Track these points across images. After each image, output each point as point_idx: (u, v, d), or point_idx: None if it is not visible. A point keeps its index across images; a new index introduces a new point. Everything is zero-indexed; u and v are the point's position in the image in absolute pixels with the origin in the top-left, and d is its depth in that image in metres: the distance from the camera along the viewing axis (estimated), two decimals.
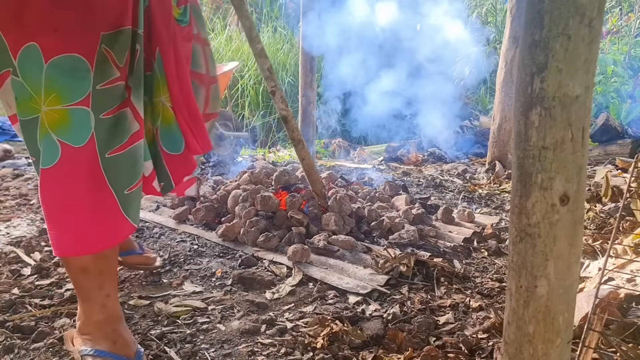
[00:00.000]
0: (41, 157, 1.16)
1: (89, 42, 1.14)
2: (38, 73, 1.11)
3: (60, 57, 1.11)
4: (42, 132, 1.15)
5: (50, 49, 1.10)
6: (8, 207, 2.72)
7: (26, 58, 1.11)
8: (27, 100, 1.13)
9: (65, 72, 1.12)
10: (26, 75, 1.12)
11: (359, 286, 1.80)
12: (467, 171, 4.03)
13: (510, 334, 0.85)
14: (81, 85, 1.14)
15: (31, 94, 1.12)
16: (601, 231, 2.39)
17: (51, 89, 1.12)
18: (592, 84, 0.72)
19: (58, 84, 1.12)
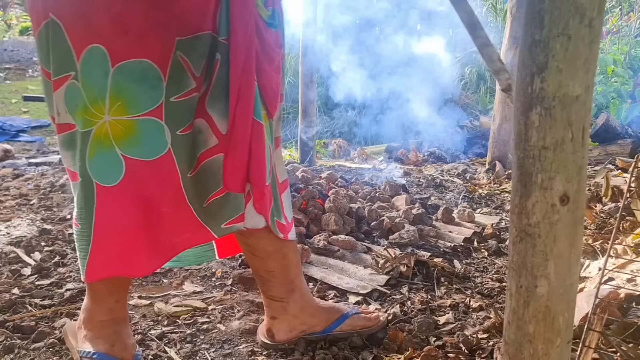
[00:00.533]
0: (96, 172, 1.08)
1: (163, 48, 1.03)
2: (102, 78, 1.01)
3: (128, 62, 1.01)
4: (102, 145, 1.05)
5: (118, 52, 1.00)
6: (8, 207, 2.72)
7: (90, 61, 1.01)
8: (81, 111, 1.04)
9: (134, 78, 1.02)
10: (88, 80, 1.02)
11: (359, 286, 1.80)
12: (467, 171, 4.03)
13: (511, 334, 0.85)
14: (152, 94, 1.04)
15: (86, 104, 1.03)
16: (601, 231, 2.39)
17: (117, 97, 1.02)
18: (593, 84, 0.72)
19: (125, 91, 1.02)
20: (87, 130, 1.05)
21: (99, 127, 1.04)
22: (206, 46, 1.07)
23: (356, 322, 1.47)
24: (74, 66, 1.02)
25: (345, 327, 1.46)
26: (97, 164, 1.07)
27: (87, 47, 1.01)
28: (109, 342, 1.28)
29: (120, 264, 1.16)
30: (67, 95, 1.05)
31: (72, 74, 1.03)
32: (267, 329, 1.44)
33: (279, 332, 1.43)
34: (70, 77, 1.03)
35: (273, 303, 1.42)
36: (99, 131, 1.05)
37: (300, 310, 1.42)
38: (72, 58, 1.02)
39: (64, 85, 1.04)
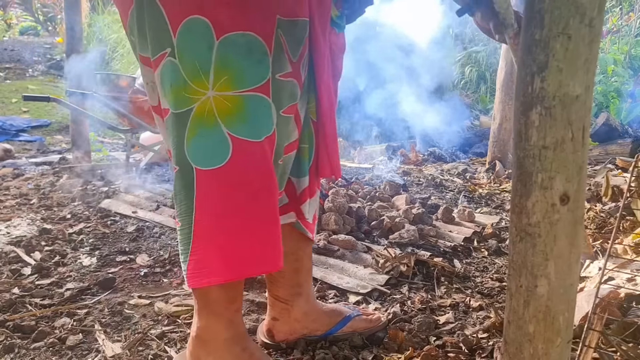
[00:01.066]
0: (196, 155, 0.97)
1: (266, 22, 0.97)
2: (207, 52, 0.92)
3: (234, 34, 0.93)
4: (205, 123, 0.95)
5: (222, 24, 0.92)
6: (8, 206, 2.72)
7: (189, 33, 0.92)
8: (180, 88, 0.94)
9: (241, 52, 0.94)
10: (188, 54, 0.93)
11: (359, 286, 1.81)
12: (467, 171, 4.03)
13: (511, 334, 0.85)
14: (259, 69, 0.97)
15: (185, 80, 0.94)
16: (601, 231, 2.39)
17: (223, 71, 0.94)
18: (593, 84, 0.72)
19: (232, 65, 0.94)
20: (184, 110, 0.95)
21: (202, 103, 0.94)
22: (304, 33, 1.03)
23: (358, 324, 1.46)
24: (169, 42, 0.93)
25: (347, 330, 1.45)
26: (198, 146, 0.96)
27: (185, 19, 0.92)
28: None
29: (234, 261, 1.02)
30: (162, 76, 0.97)
31: (167, 50, 0.93)
32: (267, 329, 1.44)
33: (279, 334, 1.42)
34: (165, 54, 0.94)
35: (277, 303, 1.41)
36: (201, 108, 0.95)
37: (303, 315, 1.41)
38: (169, 33, 0.92)
39: (160, 65, 0.96)
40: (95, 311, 1.63)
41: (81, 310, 1.63)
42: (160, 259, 2.06)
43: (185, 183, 0.99)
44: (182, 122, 0.96)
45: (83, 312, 1.62)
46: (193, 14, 0.91)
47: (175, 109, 0.96)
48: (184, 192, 1.00)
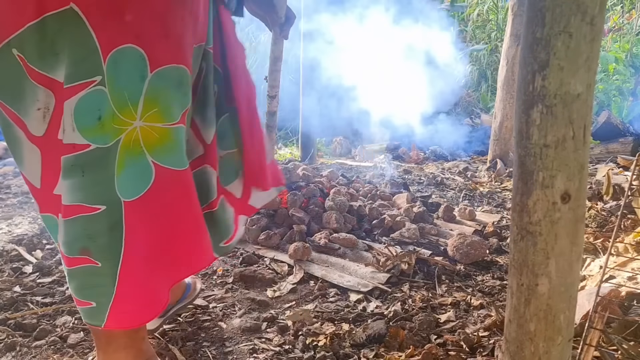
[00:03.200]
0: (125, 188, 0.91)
1: (190, 53, 0.97)
2: (139, 83, 0.89)
3: (168, 67, 0.92)
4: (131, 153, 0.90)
5: (157, 57, 0.90)
6: (9, 205, 2.73)
7: (121, 62, 0.87)
8: (109, 119, 0.87)
9: (173, 85, 0.94)
10: (118, 83, 0.87)
11: (360, 284, 1.81)
12: (468, 169, 4.03)
13: (512, 332, 0.85)
14: (183, 100, 0.97)
15: (113, 112, 0.87)
16: (602, 229, 2.39)
17: (153, 103, 0.91)
18: (594, 82, 0.72)
19: (162, 98, 0.92)
20: (113, 142, 0.88)
21: (128, 133, 0.89)
22: (200, 56, 1.04)
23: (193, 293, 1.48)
24: (99, 69, 0.85)
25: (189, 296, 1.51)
26: (126, 178, 0.91)
27: (118, 47, 0.86)
28: None
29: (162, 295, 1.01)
30: (82, 106, 0.86)
31: (97, 79, 0.85)
32: None
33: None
34: (93, 83, 0.85)
35: None
36: (128, 138, 0.89)
37: None
38: (99, 59, 0.85)
39: (80, 94, 0.85)
40: None
41: None
42: None
43: (113, 223, 0.91)
44: (111, 157, 0.89)
45: None
46: (129, 43, 0.87)
47: (104, 143, 0.88)
48: (110, 233, 0.91)
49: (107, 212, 0.90)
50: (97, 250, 0.93)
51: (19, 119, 0.88)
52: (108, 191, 0.90)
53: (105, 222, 0.91)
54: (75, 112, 0.86)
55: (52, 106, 0.87)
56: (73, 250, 0.93)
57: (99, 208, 0.90)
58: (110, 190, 0.90)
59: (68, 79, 0.85)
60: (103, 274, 0.94)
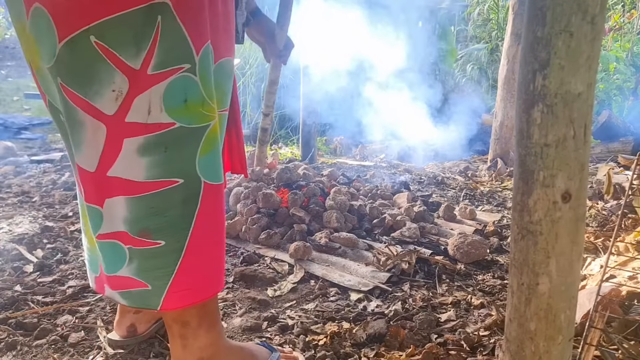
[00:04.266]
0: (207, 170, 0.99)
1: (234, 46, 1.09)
2: (210, 74, 0.98)
3: (224, 60, 1.03)
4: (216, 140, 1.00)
5: (219, 49, 1.00)
6: (10, 204, 2.73)
7: (207, 57, 0.96)
8: (197, 105, 0.96)
9: (226, 76, 1.05)
10: (207, 75, 0.97)
11: (360, 283, 1.81)
12: (468, 168, 4.02)
13: (512, 332, 0.85)
14: (230, 91, 1.09)
15: (204, 98, 0.96)
16: (603, 229, 2.39)
17: (218, 92, 1.02)
18: (595, 81, 0.72)
19: (222, 87, 1.03)
20: (200, 126, 0.97)
21: (215, 124, 1.00)
22: None
23: None
24: (191, 58, 0.93)
25: None
26: (210, 162, 1.00)
27: (206, 42, 0.95)
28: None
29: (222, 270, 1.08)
30: (171, 90, 0.93)
31: (185, 66, 0.93)
32: (129, 325, 1.41)
33: (142, 325, 1.42)
34: (182, 69, 0.92)
35: None
36: (214, 128, 0.99)
37: None
38: (190, 50, 0.93)
39: (169, 79, 0.92)
40: (97, 308, 1.64)
41: (83, 307, 1.64)
42: None
43: (188, 196, 0.98)
44: (196, 138, 0.97)
45: (85, 309, 1.62)
46: (209, 40, 0.96)
47: (190, 124, 0.95)
48: (183, 206, 0.98)
49: (184, 185, 0.97)
50: (163, 227, 0.98)
51: (85, 103, 0.92)
52: (188, 166, 0.97)
53: (181, 194, 0.97)
54: (164, 94, 0.92)
55: (125, 90, 0.91)
56: (134, 229, 0.98)
57: (177, 181, 0.96)
58: (191, 165, 0.97)
59: (157, 67, 0.91)
60: (165, 252, 0.99)
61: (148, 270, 1.01)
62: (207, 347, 1.12)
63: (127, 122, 0.92)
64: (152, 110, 0.93)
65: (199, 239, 1.00)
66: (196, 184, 0.98)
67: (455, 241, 2.09)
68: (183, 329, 1.10)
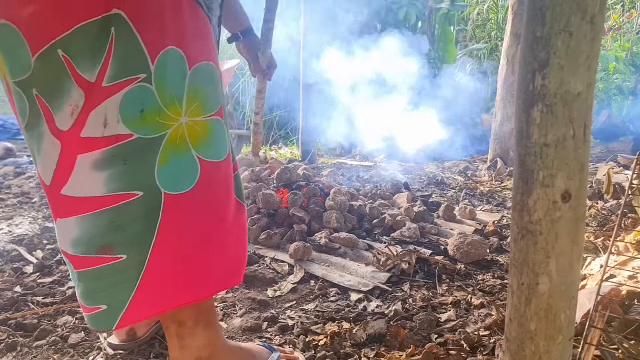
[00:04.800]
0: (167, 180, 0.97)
1: (215, 52, 1.08)
2: (181, 80, 0.97)
3: (202, 64, 1.01)
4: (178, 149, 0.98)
5: (193, 55, 0.99)
6: (10, 205, 2.73)
7: (167, 63, 0.94)
8: (153, 114, 0.94)
9: (206, 80, 1.02)
10: (165, 82, 0.95)
11: (360, 283, 1.81)
12: (468, 168, 4.03)
13: (512, 331, 0.85)
14: (217, 95, 1.06)
15: (160, 107, 0.94)
16: (603, 228, 2.39)
17: (193, 98, 0.99)
18: (594, 81, 0.72)
19: (200, 92, 1.01)
20: (157, 135, 0.95)
21: (175, 129, 0.96)
22: None
23: None
24: (146, 68, 0.92)
25: None
26: (169, 171, 0.97)
27: (164, 49, 0.94)
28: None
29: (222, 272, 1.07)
30: (127, 100, 0.92)
31: (141, 76, 0.92)
32: (129, 328, 1.41)
33: (141, 328, 1.42)
34: (137, 79, 0.92)
35: None
36: (174, 134, 0.96)
37: None
38: (145, 59, 0.92)
39: (125, 90, 0.91)
40: None
41: None
42: None
43: (149, 209, 0.96)
44: (153, 148, 0.95)
45: None
46: (171, 45, 0.94)
47: (146, 135, 0.94)
48: (144, 220, 0.96)
49: (144, 197, 0.95)
50: (125, 241, 0.96)
51: (49, 113, 0.93)
52: (147, 178, 0.95)
53: (142, 207, 0.95)
54: (121, 105, 0.91)
55: (80, 105, 0.91)
56: (90, 249, 0.96)
57: (137, 194, 0.94)
58: (150, 177, 0.95)
59: (112, 78, 0.90)
60: (126, 267, 0.97)
61: (101, 290, 0.99)
62: (204, 346, 1.11)
63: (82, 137, 0.91)
64: (109, 122, 0.91)
65: (164, 250, 0.98)
66: (156, 196, 0.96)
67: (455, 241, 2.09)
68: (180, 328, 1.09)
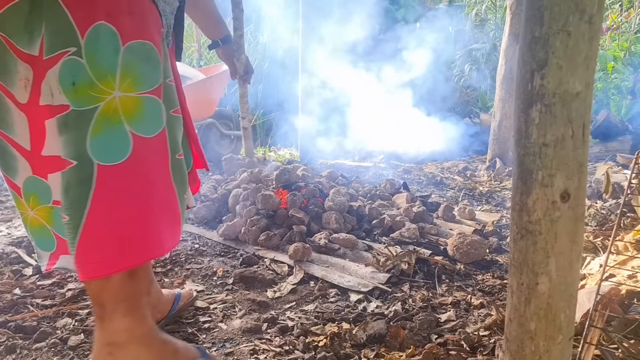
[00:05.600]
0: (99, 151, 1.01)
1: (158, 33, 1.10)
2: (114, 56, 1.00)
3: (136, 42, 1.04)
4: (110, 122, 1.01)
5: (126, 32, 1.02)
6: (9, 207, 2.73)
7: (98, 38, 0.98)
8: (85, 87, 0.98)
9: (142, 58, 1.05)
10: (97, 56, 0.98)
11: (360, 284, 1.81)
12: (467, 168, 4.03)
13: (512, 331, 0.85)
14: (154, 74, 1.09)
15: (92, 80, 0.98)
16: (602, 228, 2.39)
17: (127, 74, 1.02)
18: (593, 81, 0.72)
19: (135, 69, 1.04)
20: (90, 107, 0.99)
21: (108, 102, 1.01)
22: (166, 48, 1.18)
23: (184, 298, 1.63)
24: (76, 42, 0.97)
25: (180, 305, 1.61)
26: (101, 143, 1.01)
27: (94, 24, 0.98)
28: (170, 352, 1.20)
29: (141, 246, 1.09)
30: (63, 72, 0.98)
31: (71, 49, 0.97)
32: None
33: None
34: (68, 52, 0.97)
35: None
36: (107, 107, 1.01)
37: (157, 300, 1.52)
38: (75, 34, 0.97)
39: (59, 62, 0.97)
40: None
41: (82, 310, 1.63)
42: (161, 258, 2.07)
43: (83, 178, 1.01)
44: (86, 119, 0.99)
45: (84, 312, 1.62)
46: (101, 20, 0.99)
47: (78, 107, 0.99)
48: (80, 187, 1.01)
49: (78, 167, 1.01)
50: (68, 203, 1.03)
51: (6, 90, 1.00)
52: (80, 149, 1.00)
53: (77, 176, 1.01)
54: (59, 77, 0.97)
55: (31, 78, 0.98)
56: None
57: (72, 163, 1.01)
58: (82, 148, 1.00)
59: (48, 51, 0.96)
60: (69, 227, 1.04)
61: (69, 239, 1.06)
62: (120, 332, 1.11)
63: (42, 105, 0.99)
64: (54, 93, 0.98)
65: (96, 219, 1.03)
66: (88, 166, 1.01)
67: (454, 241, 2.09)
68: (100, 310, 1.11)
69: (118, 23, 1.00)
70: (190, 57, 6.31)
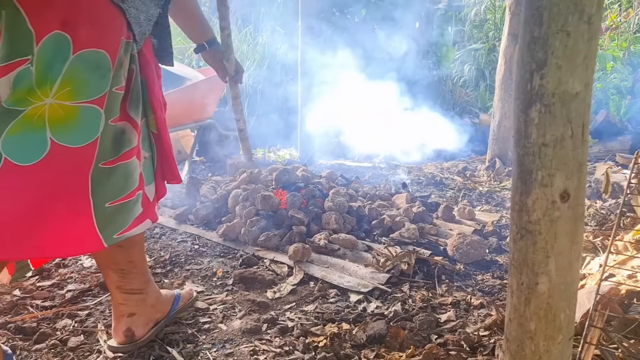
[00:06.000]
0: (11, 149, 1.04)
1: (115, 42, 1.12)
2: (61, 64, 1.04)
3: (88, 51, 1.07)
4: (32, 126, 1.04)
5: (81, 41, 1.05)
6: None
7: (50, 46, 1.02)
8: (24, 91, 1.03)
9: (90, 67, 1.08)
10: (44, 64, 1.03)
11: (360, 284, 1.81)
12: (467, 169, 4.02)
13: (512, 331, 0.85)
14: (100, 83, 1.10)
15: (32, 86, 1.03)
16: (602, 227, 2.39)
17: (68, 82, 1.05)
18: (592, 81, 0.72)
19: (78, 78, 1.06)
20: (19, 108, 1.03)
21: (35, 108, 1.04)
22: (129, 52, 1.18)
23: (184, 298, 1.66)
24: (31, 50, 1.01)
25: (180, 306, 1.63)
26: (16, 142, 1.04)
27: (50, 33, 1.02)
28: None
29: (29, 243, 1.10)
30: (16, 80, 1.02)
31: (29, 57, 1.01)
32: (126, 329, 1.42)
33: (139, 328, 1.44)
34: (26, 61, 1.01)
35: (132, 297, 1.42)
36: (33, 112, 1.04)
37: (156, 300, 1.50)
38: (32, 41, 1.01)
39: (15, 71, 1.01)
40: (97, 312, 1.64)
41: (82, 311, 1.63)
42: (161, 259, 2.07)
43: None
44: (10, 117, 1.02)
45: (84, 313, 1.62)
46: (57, 29, 1.02)
47: (9, 105, 1.02)
48: None
49: None
50: None
51: None
52: None
53: None
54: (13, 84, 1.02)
55: None
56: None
57: None
58: None
59: (5, 58, 1.00)
60: None
61: None
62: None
63: None
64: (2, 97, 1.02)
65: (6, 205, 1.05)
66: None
67: (454, 241, 2.09)
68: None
69: (74, 32, 1.04)
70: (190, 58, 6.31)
